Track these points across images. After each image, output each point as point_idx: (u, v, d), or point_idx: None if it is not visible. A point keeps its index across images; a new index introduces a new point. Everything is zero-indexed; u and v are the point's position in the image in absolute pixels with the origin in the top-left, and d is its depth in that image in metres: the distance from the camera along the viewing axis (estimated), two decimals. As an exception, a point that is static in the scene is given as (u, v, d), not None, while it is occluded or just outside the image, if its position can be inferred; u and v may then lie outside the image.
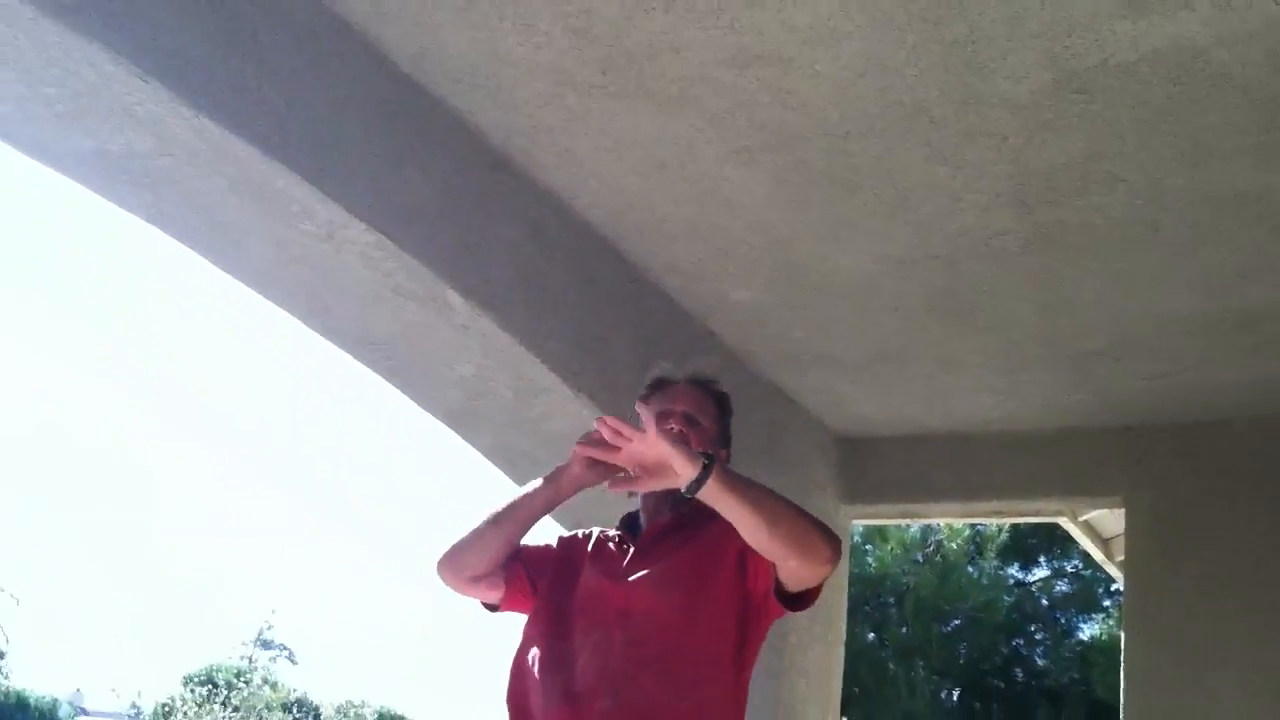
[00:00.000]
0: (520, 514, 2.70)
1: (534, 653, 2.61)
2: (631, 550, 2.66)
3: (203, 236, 3.47)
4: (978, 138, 3.31)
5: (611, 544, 2.74)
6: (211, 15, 2.94)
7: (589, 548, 2.77)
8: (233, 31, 2.99)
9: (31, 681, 34.77)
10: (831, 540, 2.46)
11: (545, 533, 2.85)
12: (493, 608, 2.80)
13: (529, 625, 2.69)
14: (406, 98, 3.43)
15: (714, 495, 2.35)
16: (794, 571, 2.47)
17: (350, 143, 3.28)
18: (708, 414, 2.77)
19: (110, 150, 3.08)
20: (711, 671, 2.51)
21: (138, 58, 2.78)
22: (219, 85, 2.95)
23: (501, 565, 2.71)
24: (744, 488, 2.38)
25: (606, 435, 2.43)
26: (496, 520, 2.69)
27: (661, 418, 2.69)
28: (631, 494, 2.71)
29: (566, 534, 2.86)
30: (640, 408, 2.42)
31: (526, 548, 2.77)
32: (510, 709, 2.60)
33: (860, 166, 3.52)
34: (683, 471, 2.34)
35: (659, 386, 2.81)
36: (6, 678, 33.68)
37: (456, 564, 2.71)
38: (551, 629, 2.62)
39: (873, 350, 4.70)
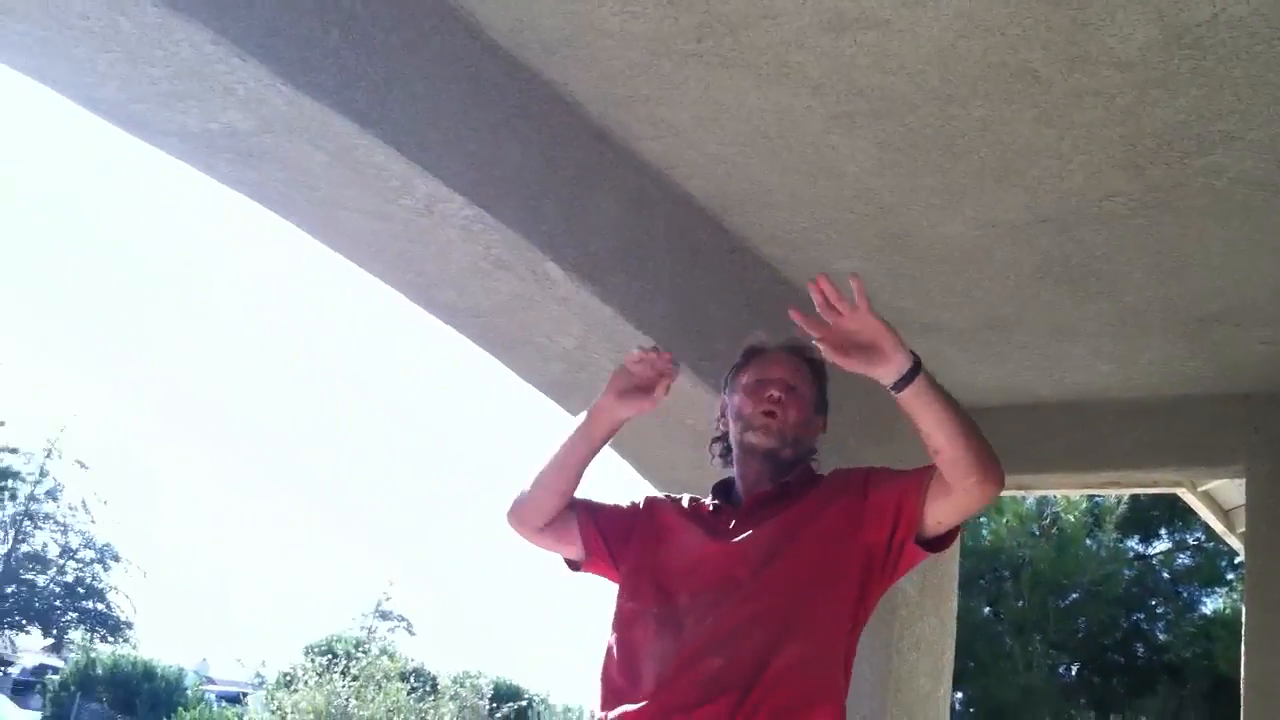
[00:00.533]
0: (567, 462, 2.68)
1: (637, 622, 2.58)
2: (734, 517, 2.62)
3: (305, 213, 3.51)
4: (1086, 98, 3.21)
5: (710, 509, 2.69)
6: (309, -8, 2.96)
7: (684, 511, 2.73)
8: (330, 8, 3.01)
9: (159, 652, 35.91)
10: (1000, 464, 2.42)
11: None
12: (573, 565, 2.79)
13: (624, 598, 2.66)
14: (504, 71, 3.43)
15: (919, 394, 2.33)
16: (967, 493, 2.42)
17: (449, 117, 3.29)
18: (805, 381, 2.73)
19: (213, 129, 3.12)
20: (823, 629, 2.49)
21: (237, 36, 2.81)
22: (317, 62, 2.98)
23: (567, 518, 2.71)
24: (944, 393, 2.34)
25: (818, 299, 2.37)
26: (544, 474, 2.69)
27: (759, 386, 2.68)
28: (732, 454, 2.69)
29: (655, 496, 2.83)
30: (853, 280, 2.36)
31: (604, 510, 2.76)
32: (605, 685, 2.57)
33: (965, 130, 3.44)
34: (893, 357, 2.32)
35: (753, 355, 2.78)
36: (135, 648, 34.79)
37: (517, 515, 2.72)
38: (652, 595, 2.59)
39: (982, 318, 4.61)
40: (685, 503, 2.77)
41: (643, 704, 2.47)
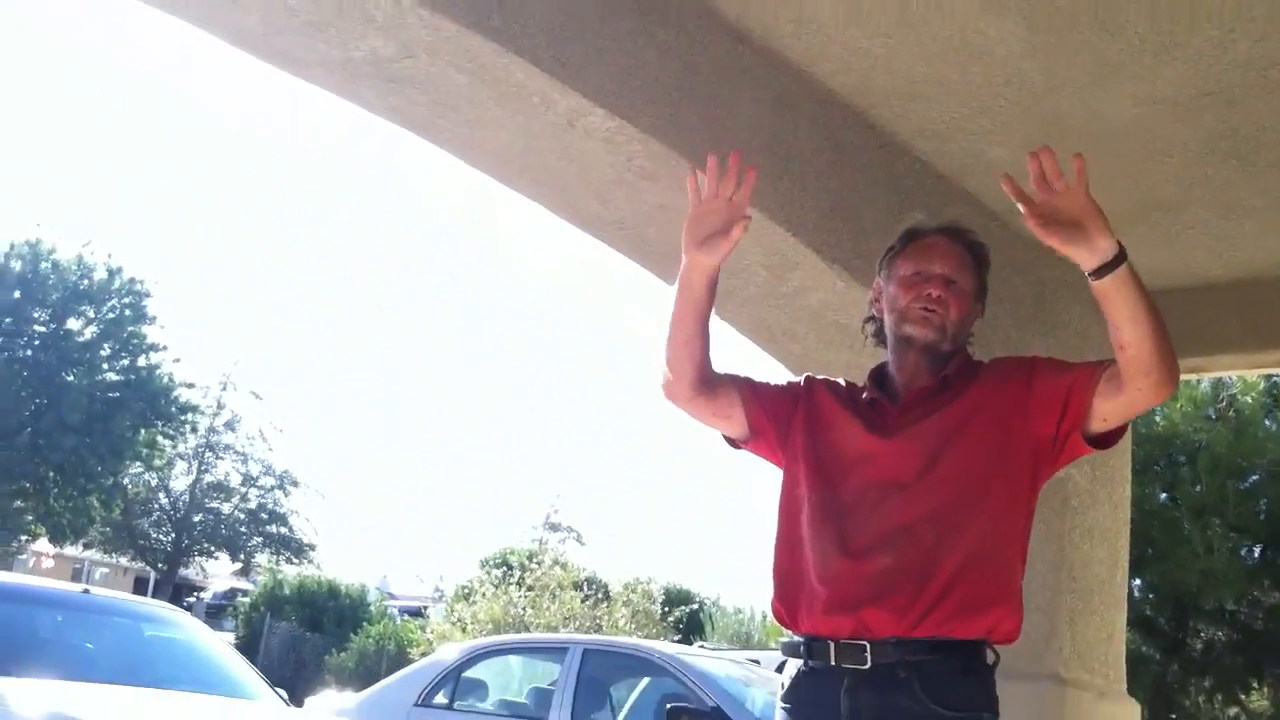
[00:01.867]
0: (682, 320, 2.57)
1: (804, 510, 2.57)
2: (894, 412, 2.56)
3: (450, 134, 3.54)
4: (1249, -41, 3.05)
5: (869, 399, 2.62)
6: (439, -87, 2.96)
7: (843, 399, 2.66)
8: (461, -73, 3.01)
9: (341, 571, 37.22)
10: (1178, 368, 2.36)
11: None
12: (733, 443, 2.73)
13: (789, 478, 2.64)
14: (638, -23, 3.39)
15: (1120, 284, 2.25)
16: (1141, 392, 2.34)
17: (585, 30, 3.27)
18: (966, 269, 2.62)
19: (355, 57, 3.16)
20: (993, 527, 2.45)
21: (372, -38, 2.83)
22: (452, -17, 2.98)
23: (726, 390, 2.64)
24: (1142, 287, 2.27)
25: (1034, 171, 2.28)
26: (669, 339, 2.59)
27: (917, 280, 2.59)
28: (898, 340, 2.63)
29: (814, 377, 2.75)
30: (1076, 160, 2.28)
31: (766, 389, 2.69)
32: (777, 577, 2.57)
33: (1119, 4, 3.30)
34: (1099, 242, 2.24)
35: (911, 238, 2.67)
36: (319, 568, 36.12)
37: (666, 387, 2.64)
38: (817, 482, 2.57)
39: (1146, 199, 4.45)
40: (843, 389, 2.69)
41: (812, 599, 2.47)
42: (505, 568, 22.51)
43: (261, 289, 71.57)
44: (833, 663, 2.44)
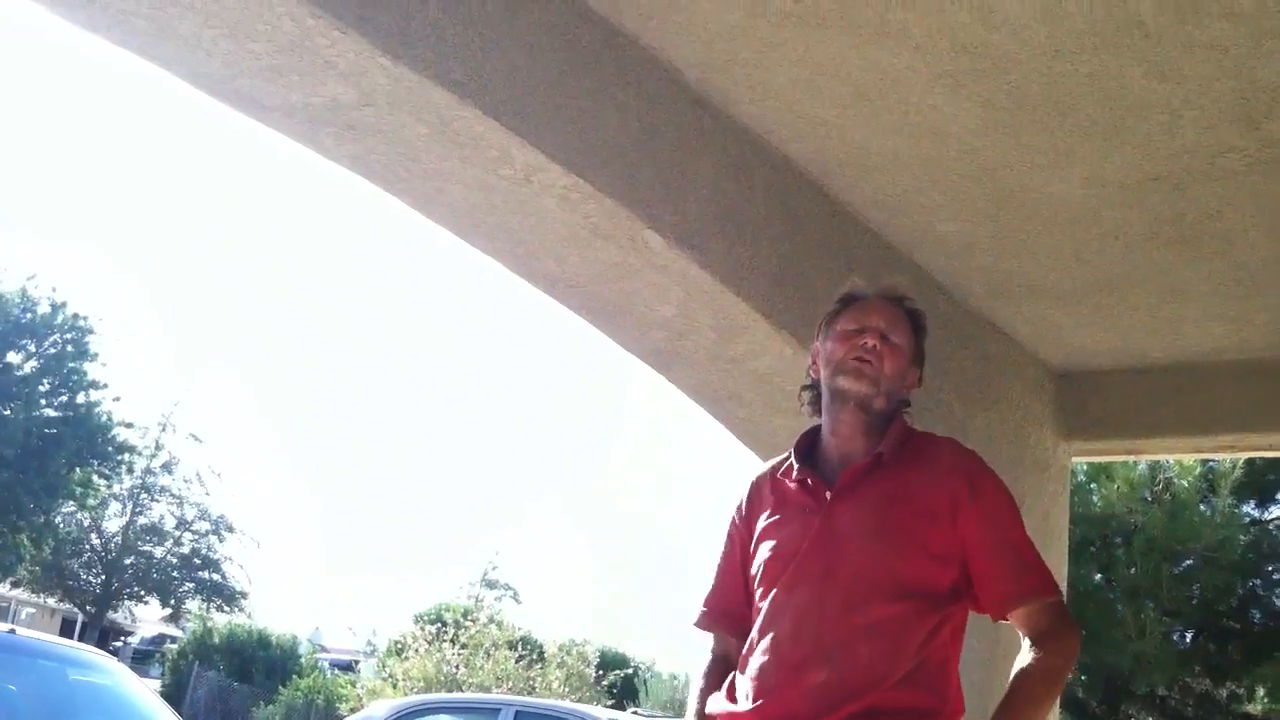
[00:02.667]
0: None
1: (754, 625, 2.58)
2: (828, 494, 2.56)
3: (408, 185, 3.53)
4: (1197, 50, 3.12)
5: (799, 483, 2.63)
6: (405, -36, 2.97)
7: (776, 489, 2.67)
8: (427, -21, 3.02)
9: (273, 621, 36.73)
10: (1076, 645, 2.51)
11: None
12: None
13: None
14: (601, 38, 3.42)
15: None
16: None
17: (546, 86, 3.29)
18: (902, 330, 2.67)
19: (315, 103, 3.16)
20: (930, 635, 2.44)
21: (337, 9, 2.84)
22: (416, 33, 2.99)
23: (741, 631, 2.65)
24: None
25: None
26: None
27: (854, 333, 2.62)
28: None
29: (742, 494, 2.78)
30: None
31: (727, 586, 2.74)
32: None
33: (1072, 87, 3.36)
34: None
35: (850, 302, 2.72)
36: (250, 617, 35.61)
37: None
38: (758, 580, 2.59)
39: (1091, 280, 4.51)
40: (771, 482, 2.70)
41: (749, 710, 2.45)
42: (439, 624, 22.30)
43: (207, 330, 70.94)
44: None
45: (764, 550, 2.60)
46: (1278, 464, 12.38)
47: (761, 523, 2.66)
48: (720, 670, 2.65)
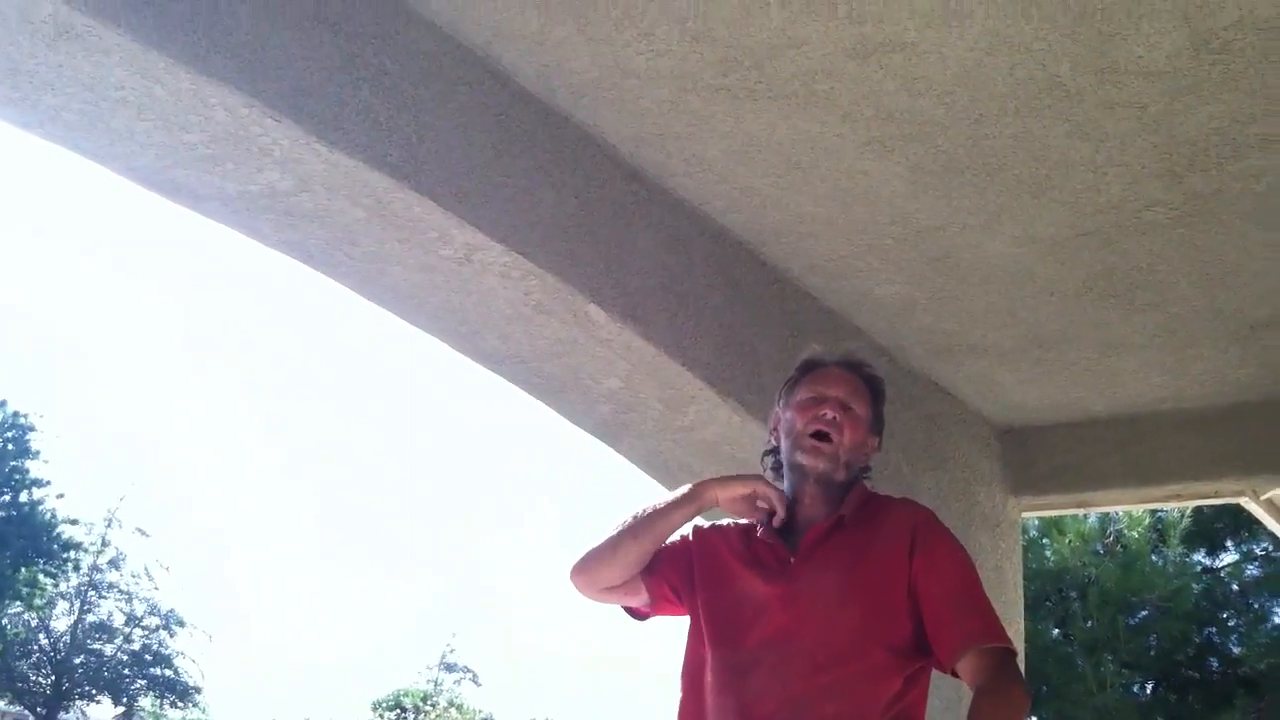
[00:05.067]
0: (659, 529, 2.67)
1: (707, 673, 2.55)
2: (791, 556, 2.56)
3: (348, 269, 3.54)
4: (1117, 108, 3.20)
5: (761, 543, 2.63)
6: (337, 51, 3.01)
7: (737, 544, 2.68)
8: (360, 66, 3.06)
9: (228, 715, 36.10)
10: (1019, 699, 2.46)
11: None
12: (638, 616, 2.77)
13: (693, 635, 2.63)
14: (534, 117, 3.46)
15: None
16: None
17: (482, 166, 3.32)
18: (862, 399, 2.69)
19: (251, 190, 3.17)
20: (894, 693, 2.44)
21: (270, 98, 2.86)
22: (350, 119, 3.02)
23: (638, 574, 2.68)
24: None
25: None
26: (635, 533, 2.66)
27: (813, 404, 2.63)
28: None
29: (702, 525, 2.79)
30: None
31: (661, 555, 2.72)
32: None
33: (998, 149, 3.43)
34: None
35: (809, 369, 2.74)
36: (204, 712, 35.01)
37: (591, 575, 2.71)
38: (718, 638, 2.56)
39: (1030, 337, 4.57)
40: (734, 535, 2.71)
41: None
42: (399, 710, 21.99)
43: (150, 422, 70.20)
44: None
45: (723, 598, 2.59)
46: (1225, 512, 12.51)
47: (718, 568, 2.66)
48: None
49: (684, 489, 2.70)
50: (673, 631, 2.77)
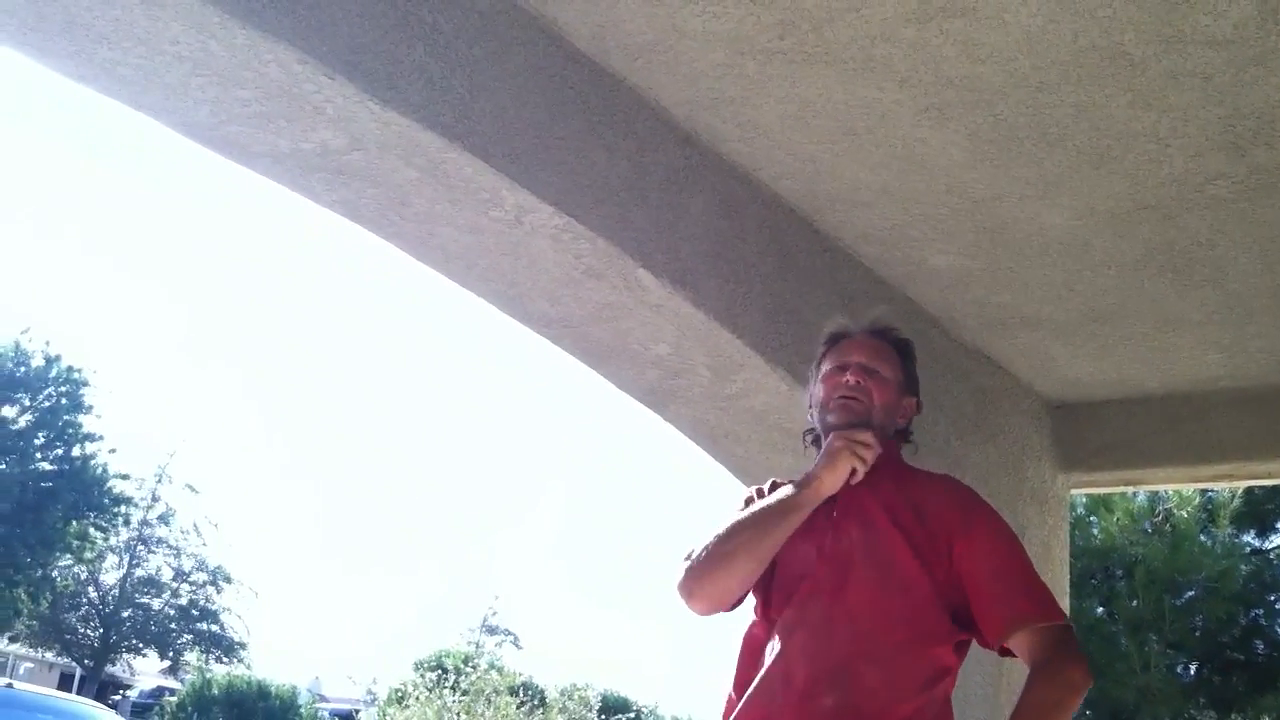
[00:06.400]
0: (775, 538, 2.54)
1: (751, 638, 2.57)
2: (835, 511, 2.56)
3: (399, 229, 3.53)
4: (1181, 79, 3.13)
5: None
6: (392, 9, 2.99)
7: None
8: (414, 24, 3.04)
9: (272, 671, 36.54)
10: (1079, 675, 2.42)
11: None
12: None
13: (750, 622, 2.64)
14: (588, 79, 3.43)
15: None
16: None
17: (535, 127, 3.30)
18: (888, 362, 2.68)
19: (304, 149, 3.16)
20: (937, 666, 2.44)
21: (324, 55, 2.85)
22: (403, 78, 3.00)
23: None
24: None
25: None
26: (750, 548, 2.53)
27: (837, 371, 2.64)
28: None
29: (751, 491, 2.75)
30: None
31: None
32: (727, 705, 2.54)
33: (1059, 118, 3.37)
34: None
35: (835, 341, 2.75)
36: (249, 668, 35.44)
37: (713, 594, 2.57)
38: (769, 601, 2.56)
39: (1085, 311, 4.51)
40: (774, 488, 2.68)
41: None
42: (440, 671, 22.18)
43: (203, 380, 70.91)
44: None
45: (774, 566, 2.58)
46: (1276, 493, 12.36)
47: None
48: None
49: (788, 491, 2.58)
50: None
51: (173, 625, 37.85)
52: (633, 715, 25.00)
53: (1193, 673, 13.62)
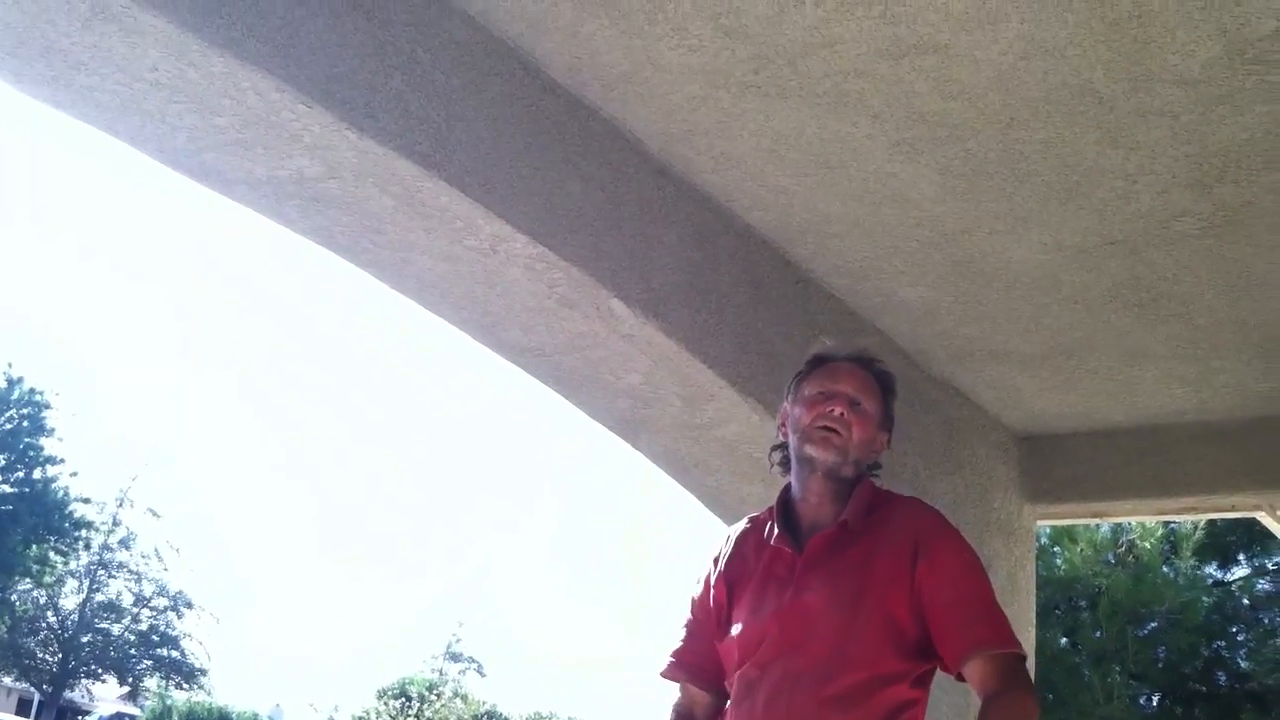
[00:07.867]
0: None
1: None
2: (798, 562, 2.55)
3: (374, 257, 3.54)
4: (1149, 117, 3.18)
5: (770, 544, 2.61)
6: (370, 39, 3.00)
7: (751, 560, 2.65)
8: (392, 54, 3.05)
9: (233, 698, 36.21)
10: (1029, 707, 2.43)
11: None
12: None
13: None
14: (564, 110, 3.45)
15: None
16: None
17: (511, 157, 3.32)
18: (872, 395, 2.64)
19: (280, 176, 3.17)
20: (902, 699, 2.44)
21: (301, 83, 2.86)
22: (381, 107, 3.01)
23: (712, 686, 2.68)
24: None
25: None
26: None
27: (821, 399, 2.60)
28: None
29: (714, 557, 2.75)
30: None
31: (697, 641, 2.72)
32: None
33: (1028, 154, 3.42)
34: None
35: (819, 364, 2.70)
36: (209, 694, 35.11)
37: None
38: (732, 660, 2.57)
39: (1052, 344, 4.56)
40: (756, 535, 2.68)
41: None
42: (404, 698, 22.03)
43: (166, 402, 70.44)
44: None
45: (739, 622, 2.58)
46: (1238, 525, 12.46)
47: (739, 583, 2.63)
48: None
49: None
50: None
51: (133, 651, 37.47)
52: (596, 744, 24.87)
53: (1155, 704, 13.68)
